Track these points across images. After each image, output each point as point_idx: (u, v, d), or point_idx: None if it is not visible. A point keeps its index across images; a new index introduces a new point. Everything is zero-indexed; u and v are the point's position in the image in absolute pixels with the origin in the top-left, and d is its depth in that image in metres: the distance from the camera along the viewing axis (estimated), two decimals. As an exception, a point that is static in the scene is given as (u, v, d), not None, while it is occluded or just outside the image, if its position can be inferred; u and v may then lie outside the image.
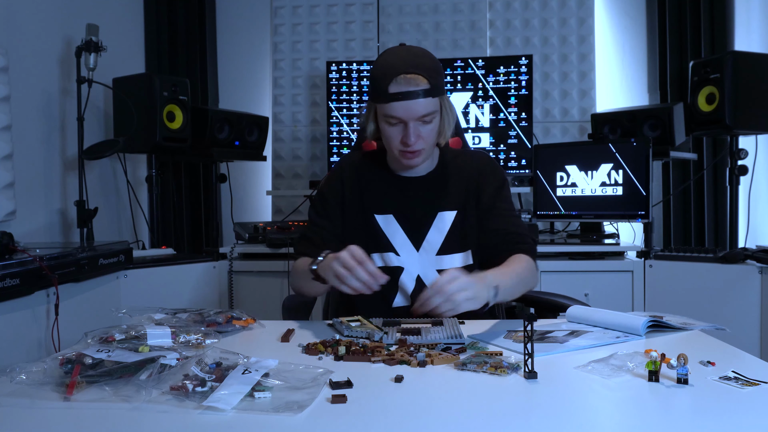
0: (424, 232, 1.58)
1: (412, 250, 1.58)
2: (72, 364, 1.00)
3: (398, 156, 1.53)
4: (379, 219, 1.59)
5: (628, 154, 2.70)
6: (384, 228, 1.59)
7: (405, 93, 1.44)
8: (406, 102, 1.44)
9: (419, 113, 1.46)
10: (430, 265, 1.57)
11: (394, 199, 1.61)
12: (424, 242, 1.58)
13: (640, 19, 3.47)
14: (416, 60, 1.47)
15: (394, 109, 1.45)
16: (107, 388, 0.94)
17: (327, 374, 1.00)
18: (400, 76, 1.44)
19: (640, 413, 0.89)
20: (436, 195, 1.60)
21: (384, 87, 1.45)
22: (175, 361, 1.01)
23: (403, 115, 1.45)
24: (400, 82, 1.44)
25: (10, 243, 1.72)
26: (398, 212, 1.59)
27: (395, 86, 1.44)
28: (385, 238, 1.58)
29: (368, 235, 1.59)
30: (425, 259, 1.57)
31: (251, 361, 1.02)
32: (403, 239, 1.58)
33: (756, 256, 2.47)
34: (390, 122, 1.48)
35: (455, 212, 1.59)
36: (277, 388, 0.94)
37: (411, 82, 1.44)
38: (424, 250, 1.58)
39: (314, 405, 0.91)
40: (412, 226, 1.58)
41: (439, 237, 1.58)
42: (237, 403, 0.88)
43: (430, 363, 1.10)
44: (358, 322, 1.39)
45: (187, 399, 0.90)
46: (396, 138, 1.49)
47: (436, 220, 1.58)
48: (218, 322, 1.33)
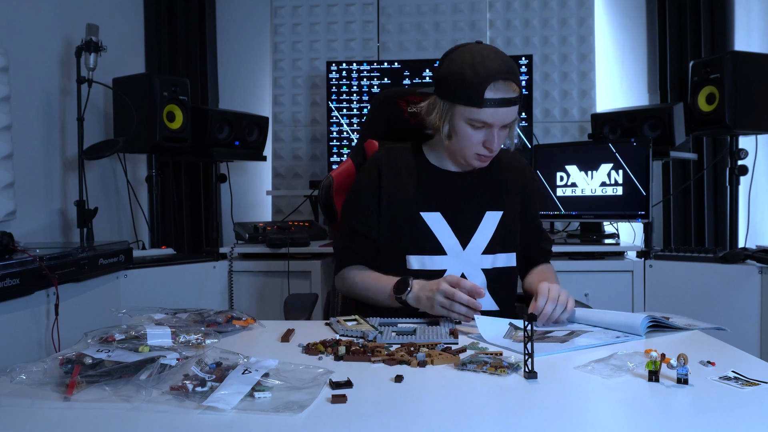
0: (472, 231, 1.57)
1: (459, 248, 1.56)
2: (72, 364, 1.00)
3: (470, 158, 1.52)
4: (426, 217, 1.56)
5: (628, 154, 2.70)
6: (432, 226, 1.56)
7: (502, 100, 1.42)
8: (501, 109, 1.42)
9: (509, 120, 1.46)
10: (475, 265, 1.56)
11: (441, 196, 1.58)
12: (471, 241, 1.56)
13: (640, 19, 3.47)
14: (511, 65, 1.45)
15: (486, 114, 1.43)
16: (107, 388, 0.94)
17: (327, 374, 1.00)
18: (499, 82, 1.41)
19: (640, 413, 0.89)
20: (483, 193, 1.60)
21: (479, 91, 1.41)
22: (175, 361, 1.01)
23: (494, 121, 1.44)
24: (498, 88, 1.41)
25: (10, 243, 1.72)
26: (446, 210, 1.57)
27: (492, 92, 1.41)
28: (432, 236, 1.55)
29: (414, 234, 1.56)
30: (471, 258, 1.56)
31: (251, 361, 1.01)
32: (451, 238, 1.56)
33: (756, 256, 2.47)
34: (475, 125, 1.45)
35: (502, 212, 1.59)
36: (277, 388, 0.94)
37: (508, 89, 1.42)
38: (470, 248, 1.56)
39: (314, 405, 0.91)
40: (460, 224, 1.57)
41: (485, 237, 1.57)
42: (237, 403, 0.88)
43: (430, 363, 1.10)
44: (354, 321, 1.39)
45: (187, 399, 0.90)
46: (477, 141, 1.48)
47: (484, 219, 1.58)
48: (218, 322, 1.33)
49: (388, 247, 1.59)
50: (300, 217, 3.46)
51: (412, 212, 1.57)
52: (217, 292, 2.83)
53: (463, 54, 1.46)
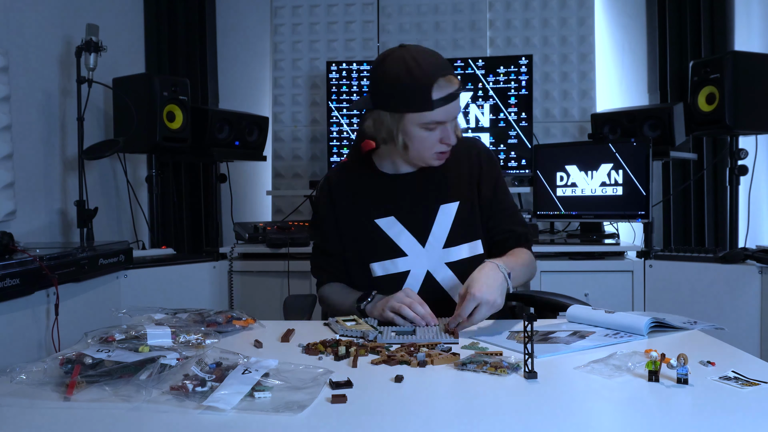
0: (429, 227, 1.57)
1: (418, 247, 1.57)
2: (72, 364, 1.00)
3: (430, 159, 1.52)
4: (380, 223, 1.58)
5: (628, 154, 2.70)
6: (387, 231, 1.58)
7: (449, 96, 1.43)
8: (450, 104, 1.44)
9: (457, 112, 1.48)
10: (438, 260, 1.56)
11: (392, 200, 1.59)
12: (429, 237, 1.56)
13: (640, 19, 3.47)
14: (442, 60, 1.46)
15: (438, 115, 1.43)
16: (107, 388, 0.94)
17: (327, 374, 1.00)
18: (440, 80, 1.42)
19: (640, 413, 0.89)
20: (435, 188, 1.59)
21: (426, 94, 1.41)
22: (175, 361, 1.01)
23: (446, 118, 1.45)
24: (442, 86, 1.42)
25: (10, 243, 1.72)
26: (399, 212, 1.58)
27: (438, 91, 1.42)
28: (390, 241, 1.57)
29: (372, 242, 1.58)
30: (433, 254, 1.56)
31: (251, 361, 1.02)
32: (409, 238, 1.57)
33: (756, 256, 2.47)
34: (429, 128, 1.45)
35: (457, 203, 1.58)
36: (277, 388, 0.94)
37: (451, 83, 1.43)
38: (430, 245, 1.56)
39: (314, 405, 0.91)
40: (415, 223, 1.57)
41: (444, 230, 1.56)
42: (237, 402, 0.88)
43: (430, 363, 1.10)
44: (353, 322, 1.39)
45: (187, 399, 0.90)
46: (434, 141, 1.48)
47: (439, 214, 1.57)
48: (218, 322, 1.33)
49: (353, 259, 1.61)
50: (300, 217, 3.46)
51: (367, 221, 1.59)
52: (217, 292, 2.83)
53: (395, 63, 1.43)
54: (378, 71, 1.47)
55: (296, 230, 2.96)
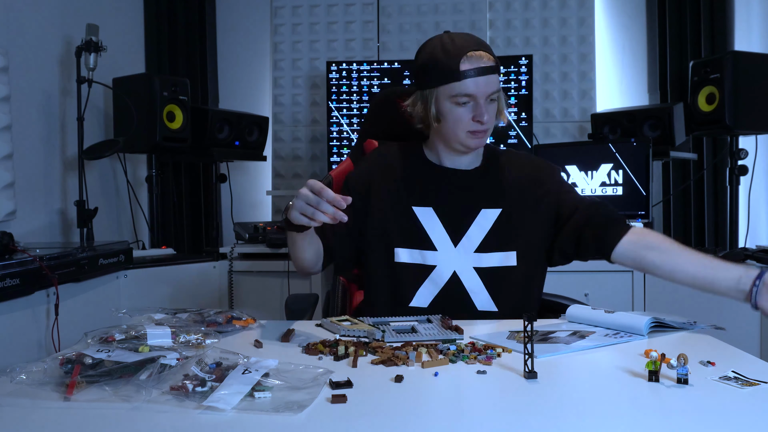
0: (465, 227, 1.54)
1: (450, 245, 1.53)
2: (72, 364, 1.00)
3: (464, 139, 1.49)
4: (417, 211, 1.54)
5: (628, 154, 2.70)
6: (423, 221, 1.54)
7: (479, 69, 1.44)
8: (480, 78, 1.45)
9: (491, 89, 1.47)
10: (468, 262, 1.53)
11: (434, 191, 1.56)
12: (463, 238, 1.53)
13: (640, 19, 3.47)
14: (477, 39, 1.50)
15: (467, 86, 1.44)
16: (107, 388, 0.94)
17: (327, 374, 1.00)
18: (470, 53, 1.45)
19: (640, 413, 0.89)
20: (481, 191, 1.56)
21: (454, 66, 1.44)
22: (175, 361, 1.01)
23: (476, 91, 1.45)
24: (471, 58, 1.45)
25: (10, 243, 1.72)
26: (438, 205, 1.55)
27: (466, 63, 1.44)
28: (423, 231, 1.53)
29: (405, 227, 1.54)
30: (463, 255, 1.53)
31: (251, 361, 1.01)
32: (442, 233, 1.53)
33: (756, 256, 2.47)
34: (459, 102, 1.45)
35: (499, 210, 1.54)
36: (277, 388, 0.94)
37: (481, 58, 1.46)
38: (462, 246, 1.53)
39: (314, 405, 0.91)
40: (452, 220, 1.54)
41: (479, 234, 1.53)
42: (237, 403, 0.88)
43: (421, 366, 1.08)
44: (348, 322, 1.39)
45: (187, 399, 0.90)
46: (466, 117, 1.47)
47: (479, 217, 1.54)
48: (218, 322, 1.32)
49: (377, 241, 1.56)
50: (300, 217, 3.46)
51: (402, 205, 1.55)
52: (217, 292, 2.83)
53: (431, 42, 1.51)
54: (417, 55, 1.54)
55: (296, 230, 2.96)
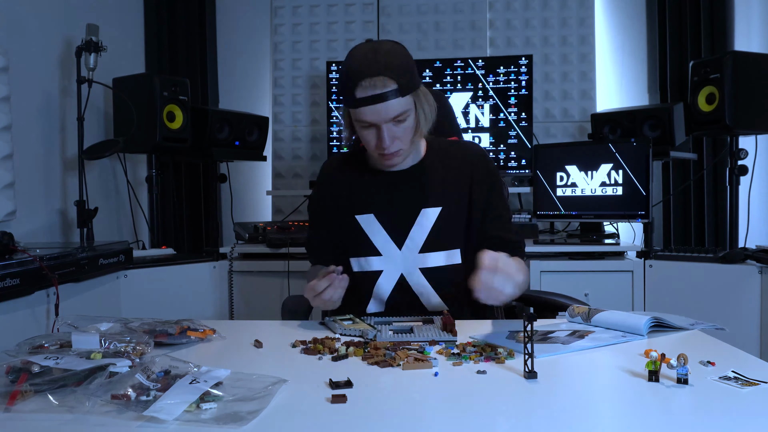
0: (407, 229, 1.54)
1: (394, 248, 1.54)
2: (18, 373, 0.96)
3: (379, 159, 1.51)
4: (360, 219, 1.57)
5: (628, 154, 2.70)
6: (365, 228, 1.56)
7: (371, 97, 1.38)
8: (374, 106, 1.39)
9: (390, 115, 1.40)
10: (413, 264, 1.53)
11: (375, 197, 1.57)
12: (406, 240, 1.53)
13: (640, 19, 3.47)
14: (380, 59, 1.39)
15: (363, 113, 1.41)
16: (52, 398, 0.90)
17: (280, 383, 0.96)
18: (365, 80, 1.38)
19: (640, 413, 0.89)
20: (420, 191, 1.55)
21: (351, 92, 1.40)
22: (126, 368, 0.98)
23: (374, 119, 1.41)
24: (365, 86, 1.38)
25: (10, 243, 1.72)
26: (379, 211, 1.56)
27: (361, 91, 1.39)
28: (366, 238, 1.55)
29: (350, 237, 1.57)
30: (408, 257, 1.53)
31: (202, 371, 0.97)
32: (385, 238, 1.55)
33: (756, 256, 2.47)
34: (363, 126, 1.44)
35: (440, 208, 1.54)
36: (225, 399, 0.90)
37: (377, 84, 1.37)
38: (406, 248, 1.53)
39: (314, 405, 0.91)
40: (393, 224, 1.55)
41: (422, 234, 1.53)
42: (180, 413, 0.84)
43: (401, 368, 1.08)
44: (350, 321, 1.39)
45: (128, 409, 0.86)
46: (372, 141, 1.46)
47: (420, 217, 1.53)
48: (169, 333, 1.27)
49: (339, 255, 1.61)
50: (300, 217, 3.46)
51: (347, 216, 1.58)
52: (217, 292, 2.83)
53: (348, 57, 1.46)
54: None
55: (296, 230, 2.96)
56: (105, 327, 1.24)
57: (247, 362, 1.15)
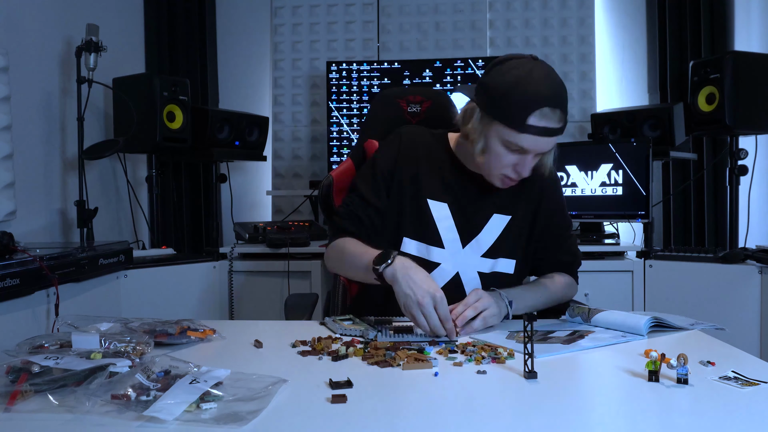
0: (476, 230, 1.52)
1: (458, 245, 1.52)
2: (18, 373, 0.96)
3: (495, 178, 1.45)
4: (432, 204, 1.52)
5: (628, 154, 2.70)
6: (435, 215, 1.51)
7: (545, 129, 1.33)
8: (541, 138, 1.34)
9: (546, 149, 1.39)
10: (472, 265, 1.52)
11: (452, 188, 1.53)
12: (473, 241, 1.52)
13: (640, 19, 3.47)
14: (561, 92, 1.37)
15: (525, 140, 1.34)
16: (53, 398, 0.90)
17: (280, 383, 0.96)
18: (545, 109, 1.32)
19: (640, 413, 0.89)
20: (495, 195, 1.54)
21: (523, 115, 1.32)
22: (126, 368, 0.98)
23: (532, 148, 1.36)
24: (544, 115, 1.33)
25: (10, 243, 1.72)
26: (453, 204, 1.53)
27: (537, 119, 1.32)
28: (433, 225, 1.51)
29: (417, 218, 1.52)
30: (469, 258, 1.52)
31: (201, 371, 0.98)
32: (453, 232, 1.51)
33: (756, 256, 2.47)
34: (510, 148, 1.37)
35: (509, 217, 1.53)
36: (225, 399, 0.90)
37: (553, 118, 1.34)
38: (470, 248, 1.52)
39: (314, 405, 0.91)
40: (465, 221, 1.52)
41: (489, 239, 1.52)
42: (180, 413, 0.84)
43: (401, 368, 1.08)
44: (349, 321, 1.39)
45: (128, 409, 0.86)
46: (508, 164, 1.40)
47: (490, 221, 1.53)
48: (169, 333, 1.26)
49: (388, 225, 1.54)
50: (300, 217, 3.47)
51: (419, 196, 1.53)
52: (217, 292, 2.83)
53: (516, 69, 1.36)
54: (496, 69, 1.41)
55: (296, 230, 2.96)
56: (105, 327, 1.24)
57: (247, 362, 1.14)
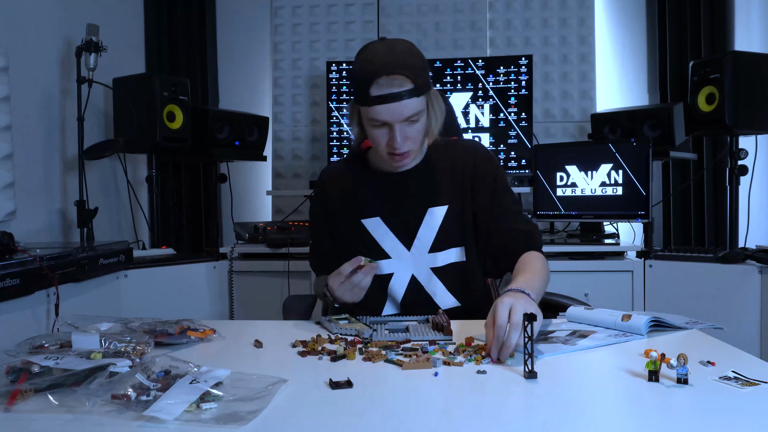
0: (414, 230, 1.53)
1: (403, 250, 1.54)
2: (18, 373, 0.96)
3: (388, 159, 1.48)
4: (366, 224, 1.56)
5: (628, 154, 2.70)
6: (372, 232, 1.55)
7: (387, 96, 1.36)
8: (390, 104, 1.37)
9: (404, 115, 1.39)
10: (424, 264, 1.53)
11: (380, 200, 1.56)
12: (415, 240, 1.53)
13: (640, 19, 3.47)
14: (398, 58, 1.38)
15: (377, 112, 1.38)
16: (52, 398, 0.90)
17: (280, 383, 0.96)
18: (381, 78, 1.36)
19: (640, 413, 0.89)
20: (425, 190, 1.55)
21: (365, 89, 1.37)
22: (126, 368, 0.98)
23: (388, 118, 1.39)
24: (381, 84, 1.36)
25: (10, 243, 1.72)
26: (385, 213, 1.55)
27: (377, 89, 1.36)
28: (374, 242, 1.54)
29: (358, 242, 1.56)
30: (418, 258, 1.53)
31: (202, 371, 0.98)
32: (393, 241, 1.54)
33: (756, 256, 2.47)
34: (375, 125, 1.42)
35: (446, 207, 1.54)
36: (225, 399, 0.90)
37: (393, 83, 1.36)
38: (415, 248, 1.53)
39: (314, 405, 0.91)
40: (400, 225, 1.54)
41: (430, 234, 1.53)
42: (180, 413, 0.84)
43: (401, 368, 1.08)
44: (345, 320, 1.39)
45: (128, 409, 0.86)
46: (382, 141, 1.43)
47: (426, 217, 1.53)
48: (169, 333, 1.27)
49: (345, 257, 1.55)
50: (300, 217, 3.46)
51: (353, 221, 1.57)
52: (217, 292, 2.83)
53: (362, 53, 1.43)
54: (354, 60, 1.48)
55: (296, 230, 2.96)
56: (105, 327, 1.24)
57: (247, 362, 1.15)
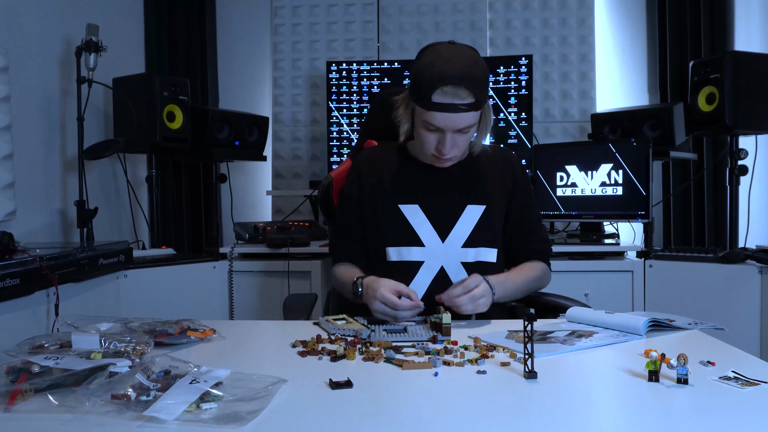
0: (452, 223, 1.58)
1: (438, 241, 1.57)
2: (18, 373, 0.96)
3: (431, 159, 1.55)
4: (404, 209, 1.58)
5: (628, 154, 2.70)
6: (410, 218, 1.58)
7: (449, 105, 1.42)
8: (449, 114, 1.43)
9: (460, 126, 1.46)
10: (455, 257, 1.57)
11: (420, 189, 1.60)
12: (450, 234, 1.57)
13: (640, 19, 3.47)
14: (466, 70, 1.42)
15: (434, 118, 1.44)
16: (52, 398, 0.90)
17: (280, 383, 0.96)
18: (447, 87, 1.41)
19: (640, 413, 0.89)
20: (466, 187, 1.60)
21: (427, 94, 1.42)
22: (126, 368, 0.98)
23: (444, 126, 1.45)
24: (446, 92, 1.41)
25: (10, 243, 1.72)
26: (425, 203, 1.59)
27: (440, 96, 1.41)
28: (410, 228, 1.57)
29: (392, 225, 1.58)
30: (450, 250, 1.57)
31: (202, 371, 0.98)
32: (429, 230, 1.57)
33: (756, 256, 2.47)
34: (428, 128, 1.47)
35: (484, 207, 1.59)
36: (225, 399, 0.90)
37: (457, 94, 1.41)
38: (450, 241, 1.57)
39: (314, 405, 0.91)
40: (439, 217, 1.58)
41: (466, 230, 1.57)
42: (180, 413, 0.84)
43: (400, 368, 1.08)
44: (343, 321, 1.39)
45: (128, 409, 0.86)
46: (431, 144, 1.50)
47: (465, 213, 1.58)
48: (169, 333, 1.26)
49: (370, 241, 1.63)
50: (300, 217, 3.46)
51: (390, 205, 1.59)
52: (217, 292, 2.83)
53: (429, 54, 1.47)
54: (418, 56, 1.52)
55: (296, 230, 2.96)
56: (105, 327, 1.25)
57: (247, 362, 1.15)
